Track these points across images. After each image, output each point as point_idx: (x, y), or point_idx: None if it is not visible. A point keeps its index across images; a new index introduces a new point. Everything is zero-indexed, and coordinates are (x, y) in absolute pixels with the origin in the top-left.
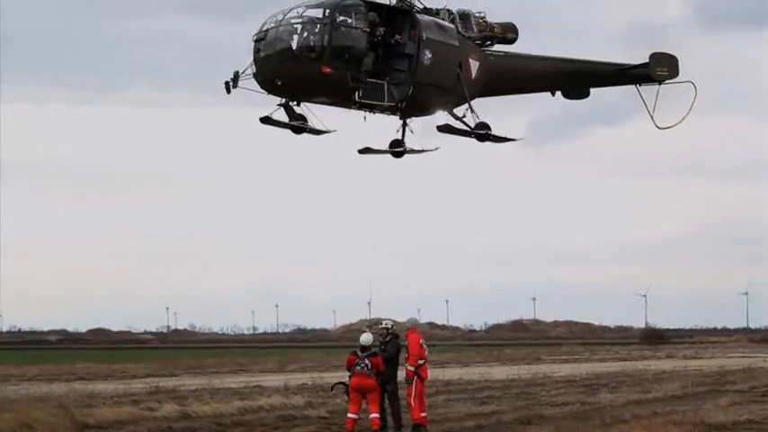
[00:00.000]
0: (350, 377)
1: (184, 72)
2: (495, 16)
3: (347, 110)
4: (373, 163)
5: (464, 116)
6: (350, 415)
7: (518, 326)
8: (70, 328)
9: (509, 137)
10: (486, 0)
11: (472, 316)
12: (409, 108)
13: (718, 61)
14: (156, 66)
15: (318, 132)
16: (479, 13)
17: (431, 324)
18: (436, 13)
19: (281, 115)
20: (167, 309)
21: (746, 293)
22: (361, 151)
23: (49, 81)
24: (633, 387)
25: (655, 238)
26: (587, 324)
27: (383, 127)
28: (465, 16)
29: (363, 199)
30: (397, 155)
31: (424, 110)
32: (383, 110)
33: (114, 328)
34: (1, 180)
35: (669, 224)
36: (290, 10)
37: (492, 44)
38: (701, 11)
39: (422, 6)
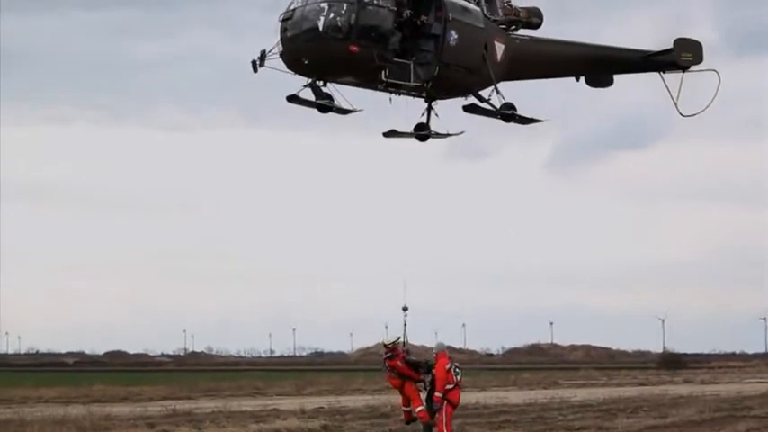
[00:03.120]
0: None
1: (205, 94)
2: (520, 1)
3: (373, 91)
4: (389, 187)
5: (489, 98)
6: (403, 408)
7: (535, 350)
8: (87, 351)
9: (535, 118)
10: None
11: (489, 340)
12: (435, 89)
13: (742, 86)
14: (176, 88)
15: (345, 112)
16: None
17: (447, 348)
18: None
19: (308, 95)
20: (184, 331)
21: (765, 318)
22: (386, 134)
23: (72, 102)
24: (650, 412)
25: (674, 261)
26: (605, 348)
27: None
28: (491, 0)
29: (381, 222)
30: (422, 138)
31: (449, 91)
32: (409, 90)
33: (131, 350)
34: (20, 201)
35: (688, 248)
36: None
37: (517, 28)
38: (731, 34)
39: None
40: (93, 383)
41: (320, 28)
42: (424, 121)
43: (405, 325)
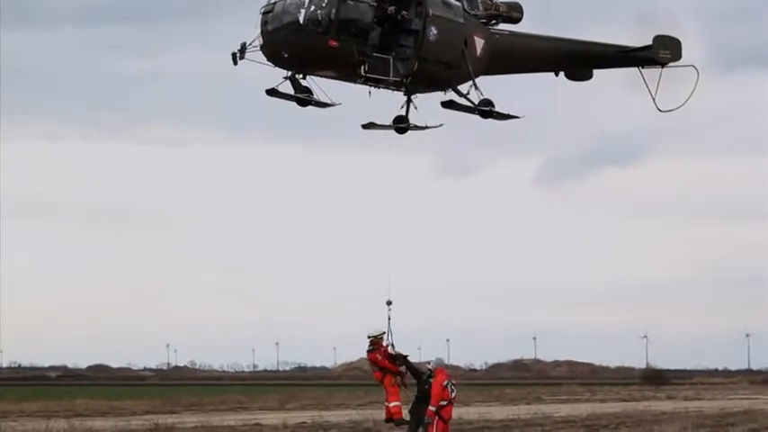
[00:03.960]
0: None
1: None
2: None
3: (352, 84)
4: (375, 202)
5: (468, 93)
6: (385, 404)
7: (519, 365)
8: (70, 365)
9: (512, 114)
10: None
11: (473, 355)
12: (414, 84)
13: (728, 104)
14: (167, 104)
15: (323, 105)
16: None
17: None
18: None
19: (288, 88)
20: (168, 346)
21: (748, 335)
22: (364, 126)
23: (62, 118)
24: (633, 428)
25: (657, 278)
26: (588, 364)
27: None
28: None
29: (366, 237)
30: (401, 131)
31: (428, 86)
32: (388, 85)
33: (114, 364)
34: (5, 216)
35: (672, 264)
36: None
37: (497, 23)
38: (719, 50)
39: None
40: (75, 397)
41: (300, 21)
42: (403, 113)
43: (389, 319)
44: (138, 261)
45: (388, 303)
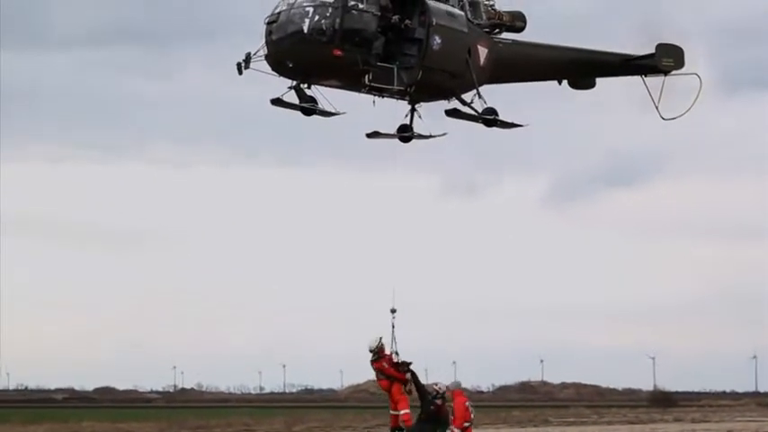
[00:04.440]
0: None
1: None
2: (504, 5)
3: (357, 93)
4: (381, 224)
5: (472, 102)
6: (391, 412)
7: (525, 387)
8: (77, 387)
9: (516, 122)
10: None
11: (479, 377)
12: (418, 92)
13: (738, 124)
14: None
15: (328, 114)
16: (489, 1)
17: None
18: (446, 0)
19: (292, 98)
20: (174, 368)
21: (755, 357)
22: (369, 135)
23: (67, 140)
24: None
25: (664, 299)
26: (595, 386)
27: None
28: (474, 4)
29: (372, 259)
30: (405, 140)
31: (432, 94)
32: (392, 94)
33: (121, 386)
34: (12, 237)
35: (679, 286)
36: None
37: (500, 32)
38: (727, 72)
39: None
40: (82, 420)
41: (305, 31)
42: (408, 122)
43: (393, 327)
44: (145, 283)
45: (393, 311)
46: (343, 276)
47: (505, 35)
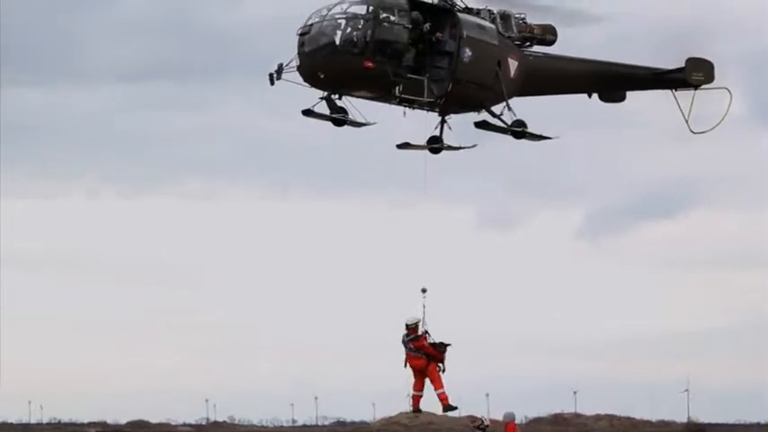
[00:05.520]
0: None
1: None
2: (535, 18)
3: (388, 105)
4: (413, 256)
5: (501, 114)
6: (413, 392)
7: (559, 419)
8: (110, 420)
9: (545, 135)
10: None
11: (513, 409)
12: (448, 104)
13: None
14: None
15: (359, 125)
16: (520, 14)
17: (469, 416)
18: (477, 12)
19: (323, 108)
20: (207, 401)
21: None
22: (399, 146)
23: (97, 175)
24: None
25: (698, 330)
26: (629, 418)
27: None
28: (505, 17)
29: (405, 291)
30: (435, 151)
31: (462, 106)
32: (422, 105)
33: (153, 420)
34: (46, 270)
35: (712, 316)
36: (335, 5)
37: (531, 45)
38: (764, 104)
39: (463, 6)
40: None
41: (337, 43)
42: (437, 134)
43: (423, 307)
44: (176, 315)
45: (423, 291)
46: (376, 308)
47: (536, 48)
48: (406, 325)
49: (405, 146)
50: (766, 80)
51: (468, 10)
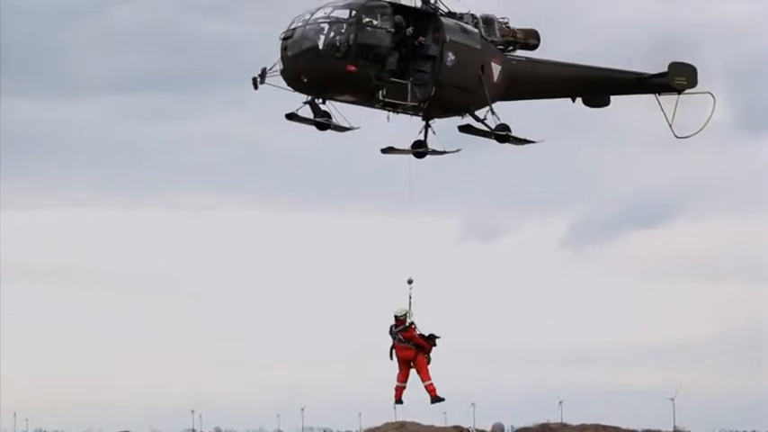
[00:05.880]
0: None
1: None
2: (518, 22)
3: (371, 109)
4: (398, 266)
5: (485, 118)
6: (397, 384)
7: (545, 429)
8: (95, 430)
9: (529, 139)
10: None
11: (498, 419)
12: (431, 109)
13: (755, 166)
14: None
15: (342, 129)
16: (503, 18)
17: (456, 427)
18: (460, 17)
19: (307, 113)
20: (192, 411)
21: None
22: (384, 150)
23: (86, 185)
24: None
25: (684, 339)
26: (615, 427)
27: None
28: (488, 21)
29: (389, 301)
30: (420, 155)
31: (446, 110)
32: (406, 109)
33: (139, 430)
34: (33, 282)
35: (698, 326)
36: (318, 10)
37: (514, 49)
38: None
39: (446, 10)
40: None
41: (320, 47)
42: (422, 138)
43: (410, 298)
44: (162, 326)
45: (410, 282)
46: (362, 318)
47: (519, 53)
48: (395, 316)
49: (389, 150)
50: (749, 90)
51: (451, 14)
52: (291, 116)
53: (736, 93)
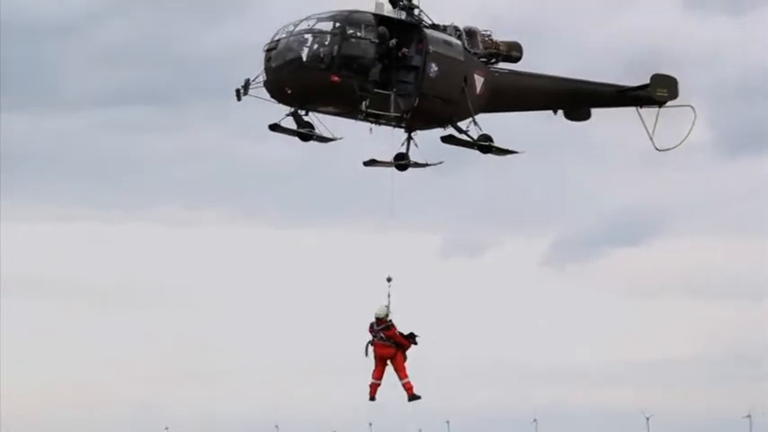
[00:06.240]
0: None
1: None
2: (501, 35)
3: (354, 121)
4: (376, 283)
5: (468, 129)
6: (372, 380)
7: None
8: None
9: (511, 149)
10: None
11: None
12: (414, 120)
13: (735, 185)
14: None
15: (325, 140)
16: (485, 31)
17: None
18: (443, 29)
19: (290, 124)
20: (167, 429)
21: (749, 416)
22: (366, 163)
23: (73, 200)
24: None
25: (659, 358)
26: None
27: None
28: (471, 33)
29: (366, 319)
30: (402, 167)
31: (428, 121)
32: (389, 120)
33: None
34: (18, 298)
35: (674, 345)
36: (301, 22)
37: (497, 61)
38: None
39: (430, 22)
40: None
41: (303, 58)
42: (404, 150)
43: (389, 296)
44: (139, 342)
45: (388, 280)
46: (338, 336)
47: (502, 65)
48: (377, 316)
49: (371, 163)
50: (733, 109)
51: (434, 26)
52: (275, 127)
53: (718, 113)
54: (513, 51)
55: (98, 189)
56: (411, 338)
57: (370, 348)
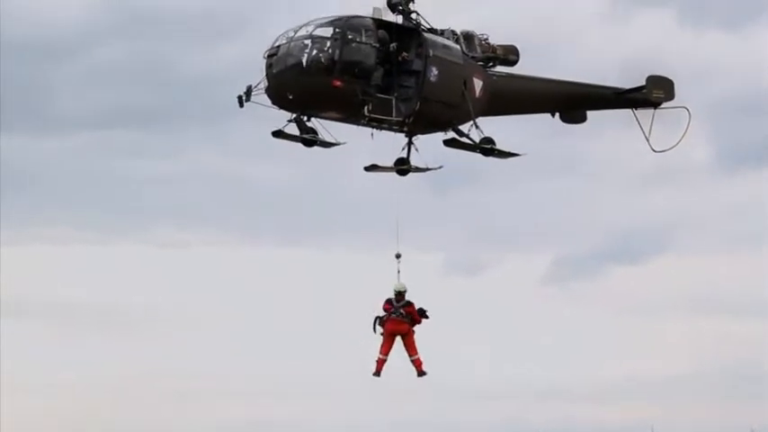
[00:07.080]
0: (384, 323)
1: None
2: (497, 39)
3: (356, 125)
4: (375, 302)
5: (469, 132)
6: (380, 356)
7: None
8: None
9: (513, 152)
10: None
11: None
12: (416, 124)
13: (735, 202)
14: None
15: (329, 145)
16: (482, 34)
17: None
18: (441, 33)
19: (293, 130)
20: None
21: (752, 431)
22: (367, 168)
23: (62, 222)
24: None
25: (662, 375)
26: None
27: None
28: (469, 37)
29: (365, 338)
30: (402, 173)
31: (430, 125)
32: (391, 125)
33: None
34: (11, 320)
35: (678, 362)
36: (301, 27)
37: (494, 65)
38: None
39: (427, 26)
40: None
41: (304, 64)
42: (405, 155)
43: (398, 272)
44: (134, 364)
45: (398, 256)
46: (335, 355)
47: (499, 68)
48: (397, 291)
49: (372, 168)
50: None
51: (432, 30)
52: (278, 133)
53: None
54: (509, 55)
55: (88, 212)
56: (423, 314)
57: (379, 325)
